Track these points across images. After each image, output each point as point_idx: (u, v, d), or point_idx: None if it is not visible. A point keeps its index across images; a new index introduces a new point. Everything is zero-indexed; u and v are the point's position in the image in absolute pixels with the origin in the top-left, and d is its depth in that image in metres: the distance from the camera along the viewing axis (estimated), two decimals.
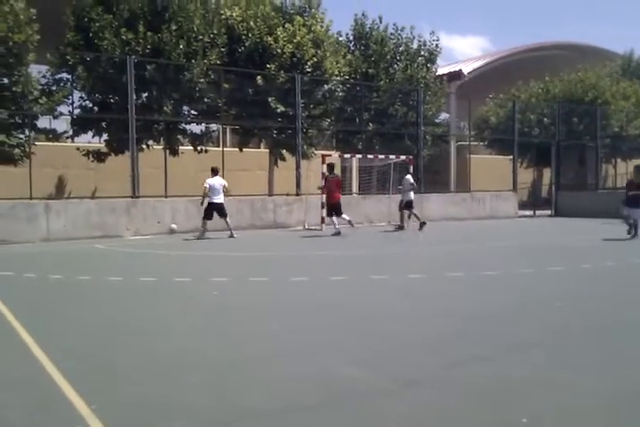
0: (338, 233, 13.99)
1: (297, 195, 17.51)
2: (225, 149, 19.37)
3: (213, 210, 13.67)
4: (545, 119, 27.63)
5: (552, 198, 23.98)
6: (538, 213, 23.21)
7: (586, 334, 4.81)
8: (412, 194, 16.21)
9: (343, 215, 14.43)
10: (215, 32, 17.91)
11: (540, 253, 10.68)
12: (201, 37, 17.25)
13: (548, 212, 23.29)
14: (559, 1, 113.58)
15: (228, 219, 13.81)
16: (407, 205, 16.22)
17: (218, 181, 13.75)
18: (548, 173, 28.37)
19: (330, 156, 17.68)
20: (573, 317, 5.42)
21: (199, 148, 18.98)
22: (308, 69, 19.02)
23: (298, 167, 17.74)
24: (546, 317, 5.39)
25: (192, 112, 19.08)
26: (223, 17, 18.72)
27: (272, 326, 5.12)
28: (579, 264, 8.86)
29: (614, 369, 3.89)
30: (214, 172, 13.91)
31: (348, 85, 21.29)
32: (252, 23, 18.69)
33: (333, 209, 14.50)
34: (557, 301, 6.10)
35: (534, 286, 7.14)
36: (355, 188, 23.97)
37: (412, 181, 16.47)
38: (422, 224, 15.80)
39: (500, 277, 7.82)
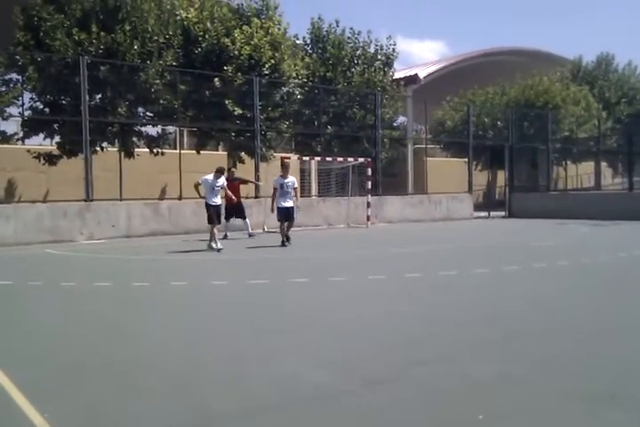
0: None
1: (256, 197, 17.41)
2: (182, 151, 19.13)
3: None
4: (499, 123, 28.23)
5: (506, 200, 24.51)
6: (492, 214, 23.70)
7: (545, 333, 4.91)
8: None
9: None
10: (171, 33, 17.64)
11: (498, 253, 10.89)
12: (156, 38, 16.96)
13: (502, 213, 23.82)
14: (516, 7, 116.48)
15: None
16: (292, 216, 12.47)
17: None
18: (501, 175, 28.97)
19: (289, 158, 17.65)
20: (533, 317, 5.54)
21: (155, 150, 18.67)
22: (266, 72, 18.94)
23: (257, 170, 17.65)
24: (504, 317, 5.49)
25: (148, 114, 18.75)
26: (179, 18, 18.49)
27: (233, 329, 5.06)
28: (532, 264, 9.06)
29: (572, 367, 3.98)
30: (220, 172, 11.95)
31: (306, 88, 21.30)
32: (208, 24, 18.52)
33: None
34: (518, 301, 6.23)
35: (494, 286, 7.27)
36: (314, 190, 24.00)
37: (296, 184, 12.70)
38: (283, 243, 12.28)
39: (458, 277, 7.93)
